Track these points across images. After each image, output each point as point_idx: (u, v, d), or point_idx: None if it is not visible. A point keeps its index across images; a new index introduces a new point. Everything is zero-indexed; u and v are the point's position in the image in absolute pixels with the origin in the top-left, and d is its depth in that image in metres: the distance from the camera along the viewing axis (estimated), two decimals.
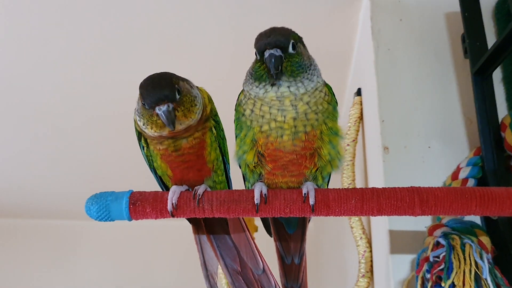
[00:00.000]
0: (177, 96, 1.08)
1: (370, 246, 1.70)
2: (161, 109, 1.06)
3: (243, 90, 1.16)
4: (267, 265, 1.30)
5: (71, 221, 3.71)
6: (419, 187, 1.13)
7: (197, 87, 1.22)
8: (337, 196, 1.12)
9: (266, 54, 1.04)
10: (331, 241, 2.81)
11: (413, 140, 1.53)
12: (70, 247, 3.76)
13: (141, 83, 1.09)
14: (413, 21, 1.68)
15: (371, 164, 1.69)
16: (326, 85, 1.15)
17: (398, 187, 1.13)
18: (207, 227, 1.29)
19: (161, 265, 3.61)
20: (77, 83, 2.24)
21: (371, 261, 1.68)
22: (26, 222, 3.77)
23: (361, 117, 1.90)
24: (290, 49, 1.06)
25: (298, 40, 1.10)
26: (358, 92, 1.92)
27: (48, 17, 1.88)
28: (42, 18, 1.88)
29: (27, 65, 2.12)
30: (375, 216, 1.13)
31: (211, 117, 1.21)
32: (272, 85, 1.06)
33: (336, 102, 1.16)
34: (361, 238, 1.73)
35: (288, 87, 1.06)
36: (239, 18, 1.89)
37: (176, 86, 1.08)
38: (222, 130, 1.26)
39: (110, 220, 1.18)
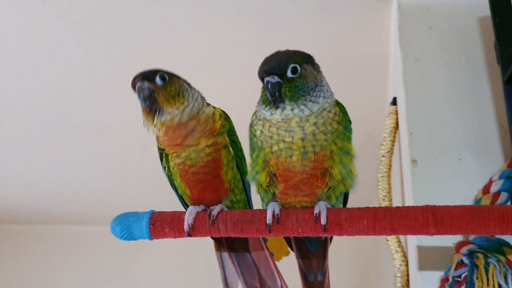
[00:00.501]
0: (159, 81, 1.17)
1: (406, 260, 1.66)
2: (136, 85, 1.16)
3: (255, 111, 1.18)
4: (285, 284, 1.31)
5: None
6: (434, 206, 1.10)
7: (213, 107, 1.26)
8: (349, 216, 1.11)
9: (265, 81, 1.06)
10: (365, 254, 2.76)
11: (444, 152, 1.49)
12: (133, 254, 3.87)
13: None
14: (443, 29, 1.63)
15: (404, 177, 1.66)
16: (338, 104, 1.15)
17: (412, 206, 1.11)
18: (228, 244, 1.32)
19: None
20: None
21: (407, 275, 1.64)
22: (91, 229, 3.94)
23: (396, 127, 1.86)
24: (289, 74, 1.07)
25: (303, 61, 1.10)
26: (394, 102, 1.88)
27: (101, 39, 1.99)
28: (97, 40, 2.00)
29: (80, 86, 2.25)
30: (388, 235, 1.12)
31: (225, 133, 1.23)
32: (277, 107, 1.08)
33: (349, 121, 1.15)
34: (396, 251, 1.69)
35: (292, 109, 1.07)
36: (268, 30, 1.91)
37: (162, 74, 1.18)
38: (241, 150, 1.29)
39: (133, 239, 1.24)
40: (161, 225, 1.20)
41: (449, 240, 1.37)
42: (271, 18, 1.88)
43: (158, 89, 1.17)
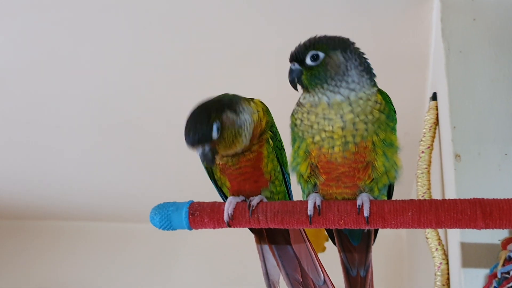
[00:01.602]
0: (215, 135, 1.10)
1: (447, 258, 1.62)
2: (198, 151, 1.11)
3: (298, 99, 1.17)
4: (328, 276, 1.29)
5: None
6: (483, 198, 1.07)
7: (252, 100, 1.24)
8: (393, 208, 1.09)
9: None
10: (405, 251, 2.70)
11: (488, 146, 1.44)
12: (171, 253, 3.87)
13: (187, 118, 1.13)
14: (487, 21, 1.58)
15: (446, 173, 1.61)
16: (382, 92, 1.12)
17: (459, 199, 1.08)
18: (269, 237, 1.31)
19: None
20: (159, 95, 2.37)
21: (448, 273, 1.60)
22: (127, 226, 3.96)
23: (437, 123, 1.82)
24: (308, 61, 1.08)
25: (330, 48, 1.08)
26: (434, 97, 1.84)
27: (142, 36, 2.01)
28: (124, 38, 2.02)
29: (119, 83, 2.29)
30: (434, 228, 1.09)
31: (266, 129, 1.22)
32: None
33: (394, 111, 1.13)
34: (436, 249, 1.65)
35: (327, 98, 1.08)
36: (306, 24, 1.89)
37: (215, 123, 1.10)
38: (280, 141, 1.27)
39: (172, 229, 1.24)
40: (201, 215, 1.19)
41: (494, 237, 1.33)
42: (308, 12, 1.86)
43: (217, 143, 1.12)
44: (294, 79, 1.10)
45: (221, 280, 3.72)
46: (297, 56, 1.09)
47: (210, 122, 1.09)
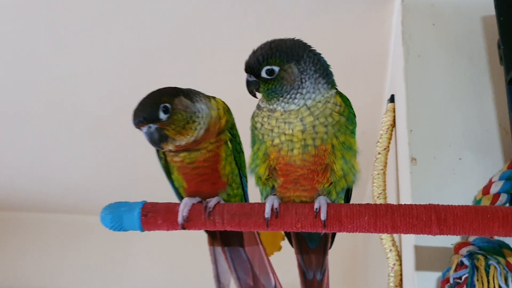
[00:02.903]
0: (164, 116, 1.08)
1: (400, 260, 1.64)
2: (143, 130, 1.07)
3: (258, 102, 1.15)
4: (279, 282, 1.28)
5: None
6: (437, 204, 1.07)
7: (213, 98, 1.21)
8: (350, 212, 1.08)
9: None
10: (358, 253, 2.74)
11: (444, 151, 1.46)
12: (126, 245, 3.79)
13: None
14: (447, 26, 1.60)
15: (401, 175, 1.63)
16: (341, 95, 1.11)
17: (415, 204, 1.08)
18: (223, 239, 1.28)
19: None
20: (118, 87, 2.30)
21: (401, 275, 1.62)
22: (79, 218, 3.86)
23: (393, 125, 1.83)
24: (264, 75, 1.07)
25: (285, 61, 1.07)
26: (391, 99, 1.86)
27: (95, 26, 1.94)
28: (86, 26, 1.94)
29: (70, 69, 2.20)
30: (389, 233, 1.09)
31: (226, 129, 1.20)
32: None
33: (353, 114, 1.12)
34: (390, 250, 1.67)
35: (282, 106, 1.08)
36: (266, 23, 1.87)
37: (164, 105, 1.08)
38: (239, 144, 1.25)
39: (123, 230, 1.20)
40: (154, 216, 1.16)
41: (447, 241, 1.35)
42: (269, 10, 1.84)
43: (165, 125, 1.10)
44: (253, 90, 1.11)
45: (176, 272, 3.69)
46: (252, 70, 1.08)
47: (158, 103, 1.08)
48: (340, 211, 1.08)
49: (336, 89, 1.12)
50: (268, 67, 1.07)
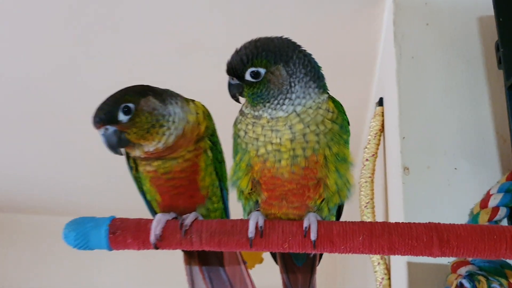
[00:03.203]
0: (124, 117, 0.97)
1: (389, 274, 1.54)
2: (100, 133, 0.97)
3: (241, 108, 1.04)
4: None
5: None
6: (438, 223, 0.97)
7: (192, 101, 1.09)
8: (343, 231, 0.98)
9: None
10: (346, 265, 2.65)
11: (438, 160, 1.37)
12: (92, 260, 3.64)
13: None
14: (441, 26, 1.50)
15: (391, 184, 1.53)
16: (333, 100, 1.00)
17: (414, 223, 0.98)
18: (200, 258, 1.16)
19: None
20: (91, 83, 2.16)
21: None
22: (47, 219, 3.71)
23: (382, 130, 1.74)
24: (248, 77, 0.95)
25: (272, 63, 0.95)
26: (380, 102, 1.76)
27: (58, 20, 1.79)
28: (52, 20, 1.79)
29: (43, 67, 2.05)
30: (386, 255, 0.99)
31: (206, 136, 1.08)
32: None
33: (347, 121, 1.01)
34: (378, 263, 1.57)
35: (269, 113, 0.96)
36: (253, 21, 1.75)
37: (126, 104, 0.97)
38: (221, 152, 1.13)
39: (89, 249, 1.07)
40: (123, 234, 1.03)
41: (444, 258, 1.25)
42: (252, 9, 1.73)
43: (125, 128, 0.97)
44: (235, 94, 0.98)
45: (150, 271, 3.57)
46: (234, 72, 0.96)
47: (119, 102, 0.97)
48: (332, 230, 0.98)
49: (328, 93, 1.01)
50: (253, 68, 0.95)
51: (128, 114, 0.97)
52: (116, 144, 0.98)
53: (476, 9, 1.50)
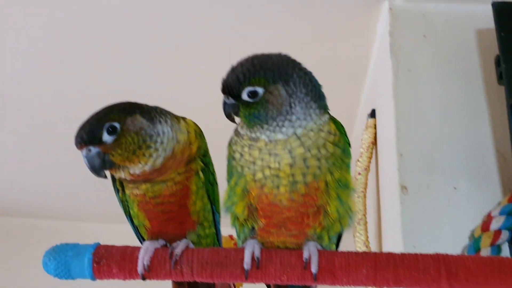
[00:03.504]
0: (108, 137, 0.90)
1: None
2: (82, 154, 0.90)
3: (236, 127, 0.96)
4: None
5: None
6: (446, 255, 0.92)
7: (183, 118, 1.02)
8: (345, 262, 0.91)
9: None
10: None
11: (437, 179, 1.32)
12: None
13: None
14: (438, 38, 1.46)
15: (386, 202, 1.48)
16: (334, 121, 0.94)
17: (421, 254, 0.92)
18: (190, 286, 1.09)
19: None
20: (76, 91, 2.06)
21: None
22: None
23: (375, 142, 1.68)
24: (245, 97, 0.88)
25: (271, 82, 0.88)
26: (372, 114, 1.71)
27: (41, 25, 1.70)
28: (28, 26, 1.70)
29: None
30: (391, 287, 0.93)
31: (198, 157, 1.00)
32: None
33: (348, 144, 0.95)
34: None
35: (267, 135, 0.89)
36: (245, 28, 1.68)
37: (111, 124, 0.90)
38: (213, 174, 1.06)
39: (70, 279, 0.99)
40: (108, 263, 0.95)
41: None
42: (244, 16, 1.66)
43: (109, 149, 0.90)
44: (230, 114, 0.92)
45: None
46: (230, 91, 0.89)
47: (103, 121, 0.90)
48: (334, 262, 0.91)
49: (329, 114, 0.95)
50: (251, 88, 0.88)
51: (113, 134, 0.90)
52: (99, 167, 0.91)
53: (474, 21, 1.46)
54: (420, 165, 1.33)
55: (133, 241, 1.21)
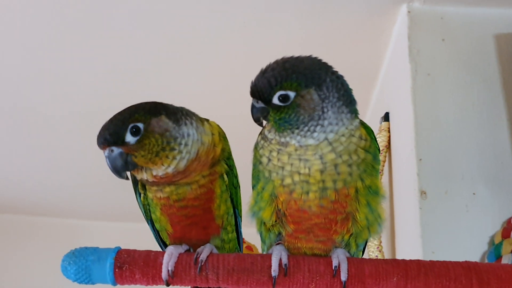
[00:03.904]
0: (132, 138, 0.87)
1: None
2: (104, 154, 0.88)
3: (262, 130, 0.94)
4: None
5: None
6: (476, 263, 0.91)
7: (206, 120, 0.99)
8: (375, 270, 0.90)
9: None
10: None
11: (456, 184, 1.31)
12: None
13: None
14: (457, 42, 1.44)
15: (402, 207, 1.46)
16: (365, 126, 0.92)
17: (450, 262, 0.91)
18: None
19: None
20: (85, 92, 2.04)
21: None
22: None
23: (388, 146, 1.67)
24: (276, 101, 0.86)
25: (304, 86, 0.86)
26: (386, 117, 1.69)
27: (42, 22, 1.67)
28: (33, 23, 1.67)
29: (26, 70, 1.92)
30: None
31: (222, 159, 0.98)
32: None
33: (378, 150, 0.93)
34: None
35: (298, 140, 0.87)
36: (258, 30, 1.66)
37: (135, 124, 0.87)
38: (236, 177, 1.03)
39: (91, 284, 0.96)
40: (131, 269, 0.93)
41: None
42: (258, 18, 1.64)
43: (132, 150, 0.88)
44: (259, 118, 0.89)
45: None
46: (260, 95, 0.86)
47: (127, 122, 0.87)
48: (364, 270, 0.89)
49: (359, 118, 0.93)
50: (282, 92, 0.85)
51: (137, 135, 0.88)
52: (121, 168, 0.89)
53: (492, 26, 1.45)
54: (439, 170, 1.32)
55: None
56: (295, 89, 0.85)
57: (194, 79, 1.89)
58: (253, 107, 0.90)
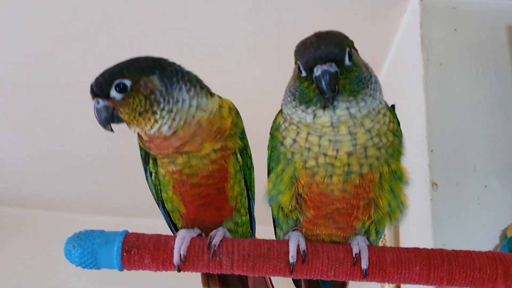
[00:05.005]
0: (117, 94, 0.85)
1: None
2: (94, 104, 0.88)
3: (281, 111, 0.89)
4: None
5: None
6: (500, 253, 0.88)
7: (218, 97, 0.94)
8: (397, 259, 0.86)
9: (317, 71, 0.78)
10: None
11: (468, 176, 1.28)
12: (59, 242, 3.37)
13: None
14: (469, 33, 1.42)
15: (412, 198, 1.43)
16: (388, 108, 0.89)
17: (474, 252, 0.88)
18: (221, 279, 1.02)
19: None
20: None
21: None
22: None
23: None
24: (347, 61, 0.80)
25: (352, 45, 0.83)
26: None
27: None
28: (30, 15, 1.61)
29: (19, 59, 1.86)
30: (443, 286, 0.88)
31: (235, 135, 0.93)
32: (324, 107, 0.80)
33: (402, 133, 0.90)
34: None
35: (348, 108, 0.80)
36: (265, 17, 1.62)
37: (121, 81, 0.85)
38: (250, 158, 0.99)
39: (96, 268, 0.91)
40: (140, 253, 0.88)
41: None
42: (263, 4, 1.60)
43: (118, 105, 0.86)
44: (336, 86, 0.79)
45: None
46: (336, 55, 0.79)
47: (114, 78, 0.85)
48: (385, 258, 0.86)
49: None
50: (348, 48, 0.81)
51: (123, 92, 0.86)
52: (105, 120, 0.88)
53: (504, 17, 1.44)
54: (451, 161, 1.29)
55: None
56: (350, 46, 0.83)
57: (198, 68, 1.84)
58: (326, 73, 0.78)
